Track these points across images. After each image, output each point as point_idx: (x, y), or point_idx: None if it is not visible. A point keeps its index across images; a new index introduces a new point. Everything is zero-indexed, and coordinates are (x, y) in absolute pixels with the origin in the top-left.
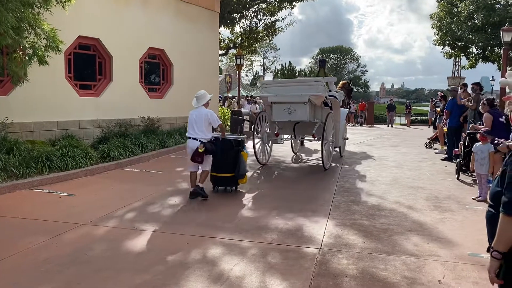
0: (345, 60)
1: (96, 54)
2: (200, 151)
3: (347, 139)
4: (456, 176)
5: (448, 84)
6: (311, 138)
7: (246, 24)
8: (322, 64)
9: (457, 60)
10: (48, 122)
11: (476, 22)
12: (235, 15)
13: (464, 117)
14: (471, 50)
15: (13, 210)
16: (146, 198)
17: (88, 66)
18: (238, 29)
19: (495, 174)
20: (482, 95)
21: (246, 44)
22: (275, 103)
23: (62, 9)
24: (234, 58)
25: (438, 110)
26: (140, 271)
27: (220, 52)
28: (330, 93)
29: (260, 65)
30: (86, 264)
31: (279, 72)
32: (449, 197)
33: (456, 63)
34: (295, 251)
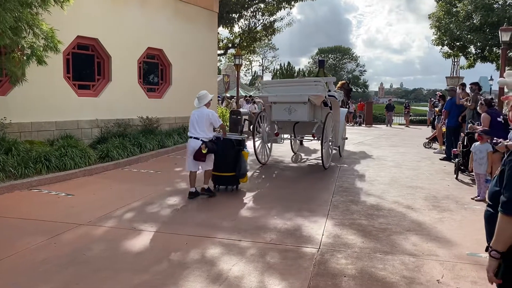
0: (344, 60)
1: (95, 54)
2: (204, 152)
3: (347, 138)
4: (455, 175)
5: (446, 84)
6: (310, 138)
7: (245, 24)
8: (322, 64)
9: (455, 60)
10: (46, 122)
11: (474, 22)
12: (233, 15)
13: (463, 117)
14: (469, 50)
15: (11, 210)
16: (144, 198)
17: (87, 66)
18: (236, 29)
19: (494, 173)
20: (480, 95)
21: (245, 44)
22: (275, 103)
23: (61, 9)
24: (232, 58)
25: (437, 110)
26: (138, 271)
27: (218, 52)
28: (329, 93)
29: (259, 65)
30: (84, 264)
31: (278, 72)
32: (447, 196)
33: (455, 63)
34: (294, 251)
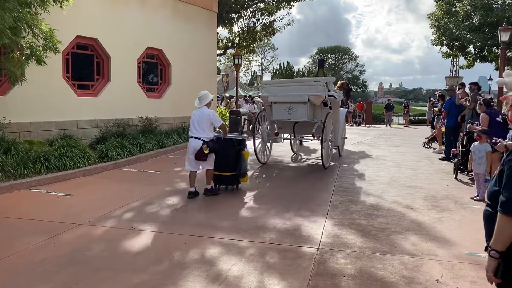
0: (343, 60)
1: (94, 54)
2: (205, 152)
3: (346, 138)
4: (454, 175)
5: (446, 83)
6: (310, 138)
7: (244, 24)
8: (321, 64)
9: (455, 59)
10: (46, 122)
11: (473, 22)
12: (233, 14)
13: (462, 116)
14: (469, 50)
15: (10, 210)
16: (144, 198)
17: (86, 66)
18: (236, 29)
19: (493, 173)
20: (479, 95)
21: (244, 44)
22: (275, 102)
23: (60, 9)
24: (232, 58)
25: (436, 109)
26: (138, 271)
27: (218, 52)
28: (329, 93)
29: (258, 65)
30: (84, 264)
31: (277, 72)
32: (447, 196)
33: (454, 63)
34: (293, 250)
